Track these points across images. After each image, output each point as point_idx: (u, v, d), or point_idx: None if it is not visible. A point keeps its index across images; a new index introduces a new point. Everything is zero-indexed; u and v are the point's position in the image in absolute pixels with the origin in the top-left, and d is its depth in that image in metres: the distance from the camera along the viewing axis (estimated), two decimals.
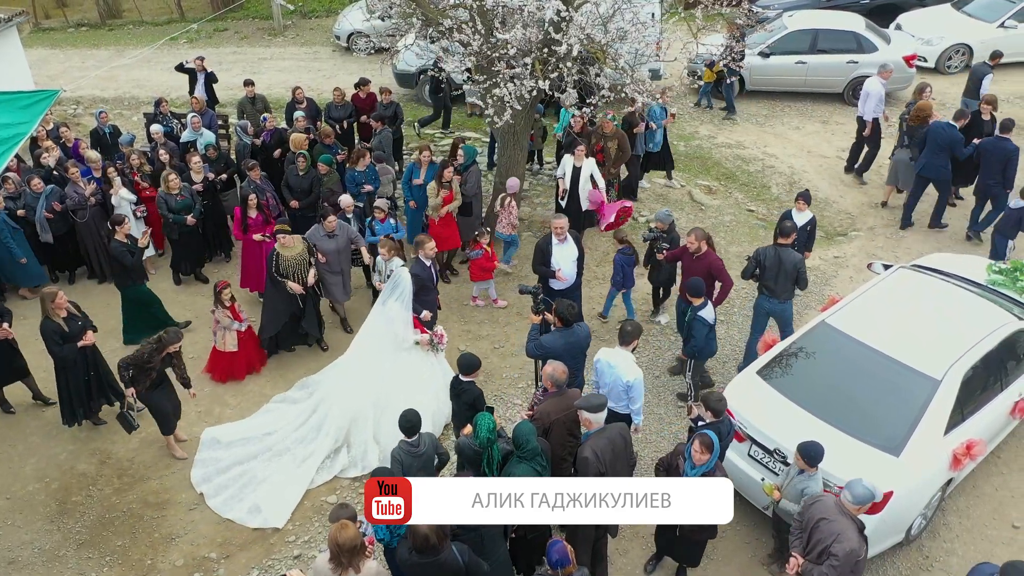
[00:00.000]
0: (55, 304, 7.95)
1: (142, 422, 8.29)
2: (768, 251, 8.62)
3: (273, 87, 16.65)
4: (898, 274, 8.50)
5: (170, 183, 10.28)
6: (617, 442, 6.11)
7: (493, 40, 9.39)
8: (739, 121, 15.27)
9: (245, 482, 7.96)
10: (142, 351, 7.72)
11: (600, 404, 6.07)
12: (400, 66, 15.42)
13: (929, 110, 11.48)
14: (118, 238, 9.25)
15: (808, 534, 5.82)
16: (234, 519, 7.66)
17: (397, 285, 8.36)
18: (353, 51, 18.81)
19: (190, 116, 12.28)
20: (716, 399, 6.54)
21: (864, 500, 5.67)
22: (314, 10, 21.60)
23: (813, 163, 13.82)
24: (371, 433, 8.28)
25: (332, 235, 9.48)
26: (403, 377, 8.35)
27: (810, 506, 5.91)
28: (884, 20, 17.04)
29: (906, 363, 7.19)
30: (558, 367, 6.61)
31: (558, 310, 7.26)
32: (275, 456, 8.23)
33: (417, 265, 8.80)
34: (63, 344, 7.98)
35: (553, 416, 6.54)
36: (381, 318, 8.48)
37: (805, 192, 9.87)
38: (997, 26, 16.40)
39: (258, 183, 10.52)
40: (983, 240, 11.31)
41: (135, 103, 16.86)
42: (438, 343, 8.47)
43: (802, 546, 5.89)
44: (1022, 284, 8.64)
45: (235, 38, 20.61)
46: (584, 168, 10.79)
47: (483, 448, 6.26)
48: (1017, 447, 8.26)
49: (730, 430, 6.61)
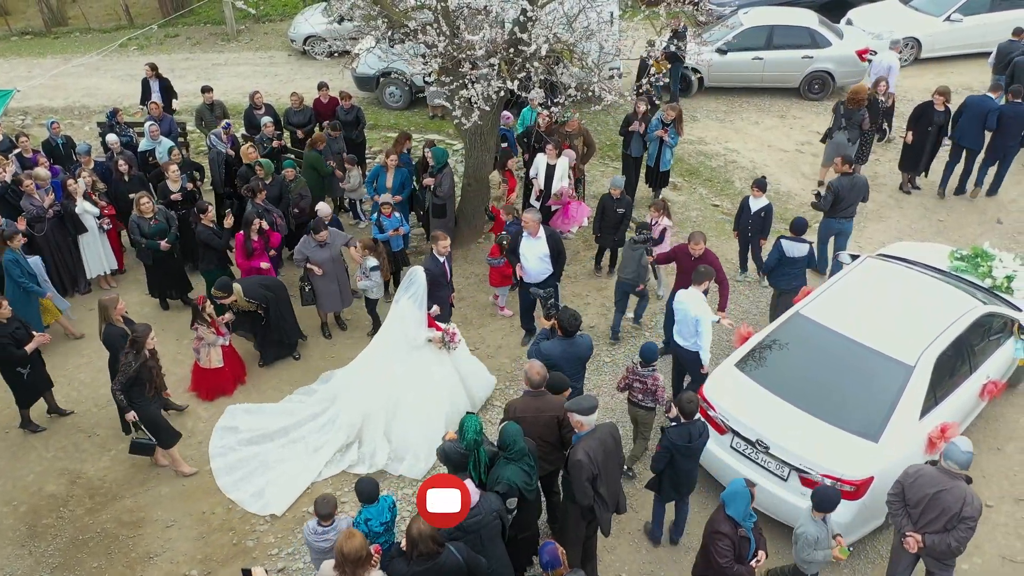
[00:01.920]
0: (117, 310, 7.90)
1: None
2: (842, 181, 10.04)
3: (229, 93, 16.35)
4: (866, 264, 8.66)
5: (142, 207, 9.81)
6: (608, 442, 6.13)
7: (459, 41, 9.35)
8: (699, 118, 15.44)
9: (256, 465, 8.02)
10: (124, 364, 7.48)
11: (591, 406, 6.06)
12: (360, 69, 15.24)
13: (863, 93, 11.91)
14: (204, 223, 9.53)
15: (921, 509, 6.00)
16: (236, 500, 7.77)
17: (412, 283, 8.20)
18: (310, 55, 18.59)
19: (148, 124, 11.99)
20: (688, 400, 6.55)
21: (969, 462, 5.94)
22: (268, 14, 21.27)
23: (774, 157, 14.04)
24: (382, 431, 8.28)
25: (324, 244, 9.34)
26: (415, 377, 8.27)
27: (912, 483, 6.07)
28: (834, 15, 17.37)
29: (880, 350, 7.34)
30: (534, 366, 6.57)
31: (560, 319, 7.21)
32: (290, 443, 8.29)
33: (430, 260, 8.75)
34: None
35: (520, 413, 6.51)
36: (393, 316, 8.43)
37: (761, 180, 10.16)
38: (943, 20, 16.84)
39: (263, 206, 10.08)
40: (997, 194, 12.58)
41: (86, 112, 16.42)
42: (450, 341, 8.36)
43: (911, 522, 6.08)
44: (983, 270, 8.90)
45: (187, 44, 20.20)
46: (559, 166, 10.80)
47: (469, 450, 6.21)
48: (985, 428, 8.48)
49: (702, 431, 6.64)
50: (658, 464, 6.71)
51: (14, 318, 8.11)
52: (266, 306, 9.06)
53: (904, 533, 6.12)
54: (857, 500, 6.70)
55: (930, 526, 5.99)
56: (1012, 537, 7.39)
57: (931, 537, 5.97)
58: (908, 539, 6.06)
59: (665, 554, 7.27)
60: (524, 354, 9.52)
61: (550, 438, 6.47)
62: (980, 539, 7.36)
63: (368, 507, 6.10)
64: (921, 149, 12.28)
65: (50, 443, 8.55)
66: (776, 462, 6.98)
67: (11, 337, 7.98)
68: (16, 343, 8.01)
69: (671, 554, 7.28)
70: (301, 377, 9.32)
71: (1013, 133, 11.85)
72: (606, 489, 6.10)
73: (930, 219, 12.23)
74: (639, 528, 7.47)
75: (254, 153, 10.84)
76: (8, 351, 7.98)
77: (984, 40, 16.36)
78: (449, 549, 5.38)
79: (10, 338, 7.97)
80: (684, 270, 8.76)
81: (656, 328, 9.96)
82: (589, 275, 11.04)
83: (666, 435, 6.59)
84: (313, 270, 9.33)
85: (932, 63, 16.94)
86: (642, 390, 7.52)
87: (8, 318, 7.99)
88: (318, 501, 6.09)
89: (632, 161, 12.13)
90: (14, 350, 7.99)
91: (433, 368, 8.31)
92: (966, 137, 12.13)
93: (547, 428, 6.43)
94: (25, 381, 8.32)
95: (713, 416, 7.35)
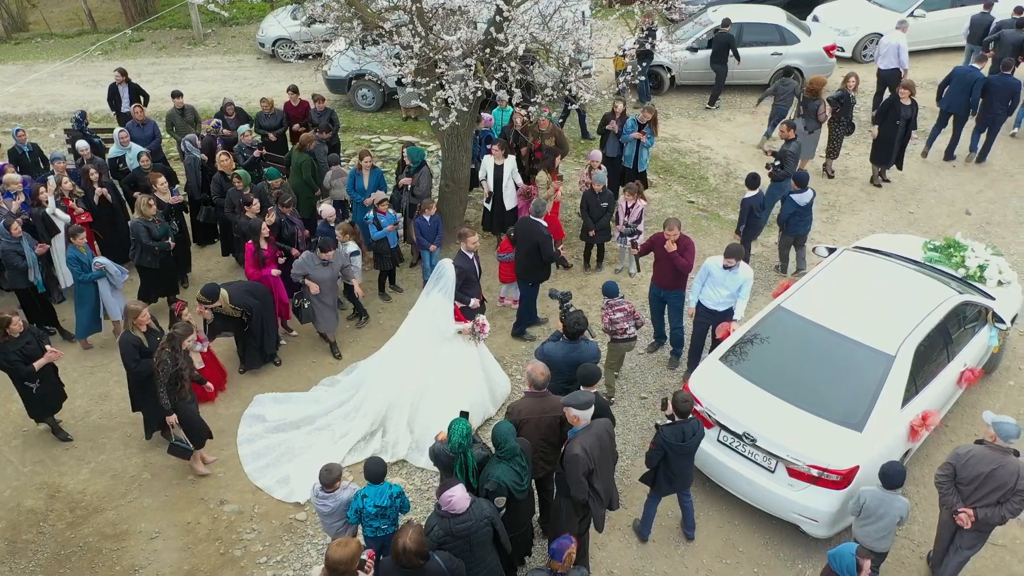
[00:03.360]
0: (138, 320, 7.75)
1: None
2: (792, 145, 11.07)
3: (198, 97, 16.14)
4: (843, 256, 8.78)
5: (147, 209, 9.68)
6: (604, 438, 6.14)
7: (435, 42, 9.32)
8: (672, 115, 15.54)
9: (282, 452, 8.09)
10: (161, 364, 7.33)
11: (587, 401, 6.07)
12: (331, 72, 15.15)
13: (822, 84, 12.28)
14: (248, 215, 9.55)
15: (976, 486, 6.26)
16: (263, 487, 7.84)
17: (441, 276, 8.32)
18: (280, 58, 18.43)
19: (117, 130, 11.75)
20: (682, 399, 6.57)
21: (1017, 434, 6.24)
22: (235, 18, 21.02)
23: (747, 153, 14.18)
24: (406, 421, 8.35)
25: (327, 263, 9.20)
26: (442, 368, 8.33)
27: (964, 462, 6.30)
28: (800, 12, 17.60)
29: (861, 341, 7.44)
30: (537, 367, 6.57)
31: (565, 322, 7.18)
32: (316, 431, 8.40)
33: (460, 258, 8.77)
34: (140, 359, 7.71)
35: (524, 415, 6.51)
36: (424, 309, 8.46)
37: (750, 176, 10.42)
38: (907, 15, 17.12)
39: (288, 216, 9.99)
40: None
41: (51, 119, 16.11)
42: (479, 332, 8.38)
43: (962, 499, 6.31)
44: (956, 260, 9.06)
45: (153, 48, 19.90)
46: (506, 166, 10.79)
47: (456, 453, 6.21)
48: (962, 415, 8.64)
49: (696, 430, 6.69)
50: (651, 460, 6.75)
51: (27, 332, 7.93)
52: (251, 314, 8.94)
53: (956, 509, 6.35)
54: (843, 489, 6.78)
55: (983, 500, 6.27)
56: None
57: (983, 511, 6.26)
58: (961, 515, 6.30)
59: (655, 550, 7.31)
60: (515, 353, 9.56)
61: (552, 439, 6.47)
62: None
63: (370, 485, 6.23)
64: (891, 143, 12.48)
65: (27, 457, 8.37)
66: (763, 454, 7.05)
67: (20, 352, 7.79)
68: (25, 359, 7.82)
69: (661, 549, 7.32)
70: (283, 383, 9.23)
71: (1000, 102, 12.81)
72: (600, 484, 6.12)
73: (901, 211, 12.45)
74: (629, 524, 7.50)
75: (229, 161, 10.64)
76: (16, 367, 7.79)
77: (946, 35, 16.74)
78: (435, 559, 5.38)
79: (19, 353, 7.78)
80: (661, 258, 8.89)
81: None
82: (572, 274, 11.06)
83: (660, 433, 6.61)
84: (309, 287, 9.18)
85: None
86: (625, 317, 8.16)
87: (20, 332, 7.81)
88: (322, 470, 6.24)
89: (608, 161, 12.15)
90: (21, 366, 7.81)
91: (459, 361, 8.37)
92: (953, 105, 13.05)
93: (550, 429, 6.43)
94: (35, 395, 8.14)
95: (700, 410, 7.39)
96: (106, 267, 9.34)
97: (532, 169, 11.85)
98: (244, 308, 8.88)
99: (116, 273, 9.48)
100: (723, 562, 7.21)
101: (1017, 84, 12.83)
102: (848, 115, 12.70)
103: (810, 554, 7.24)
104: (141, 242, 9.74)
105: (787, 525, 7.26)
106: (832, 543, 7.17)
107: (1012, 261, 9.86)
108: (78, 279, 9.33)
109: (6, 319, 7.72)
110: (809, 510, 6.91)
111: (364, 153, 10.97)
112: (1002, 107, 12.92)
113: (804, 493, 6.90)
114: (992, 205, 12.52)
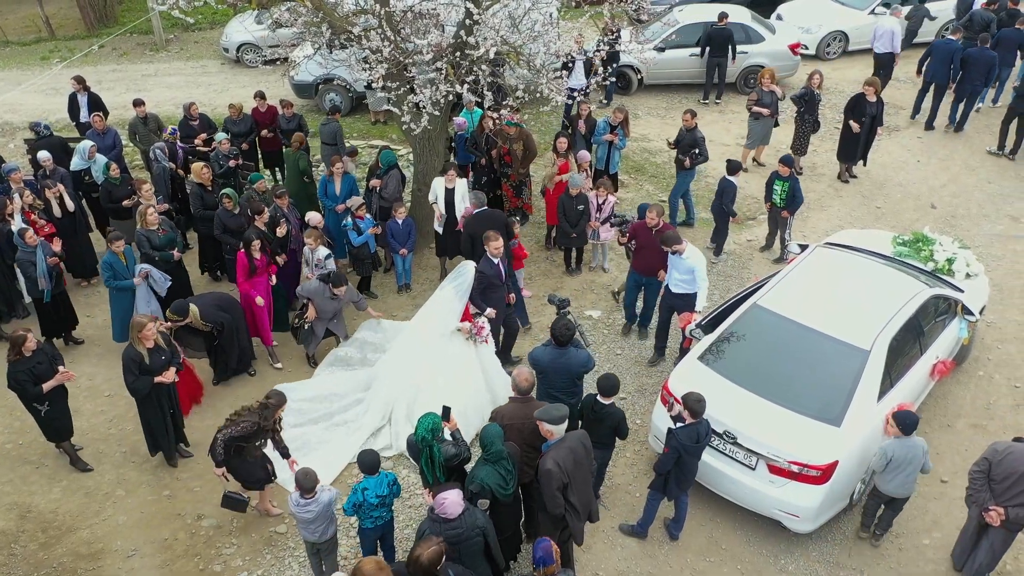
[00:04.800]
0: (141, 334, 7.41)
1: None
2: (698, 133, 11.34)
3: (162, 104, 15.88)
4: (816, 253, 8.88)
5: (148, 218, 9.43)
6: (578, 450, 6.12)
7: (405, 46, 9.25)
8: (641, 115, 15.61)
9: (299, 445, 8.03)
10: (243, 419, 6.92)
11: (561, 416, 6.06)
12: (298, 77, 14.95)
13: (766, 75, 12.84)
14: (257, 225, 9.34)
15: (1009, 484, 6.31)
16: (279, 482, 7.66)
17: (460, 275, 8.41)
18: (244, 63, 18.21)
19: (86, 143, 11.45)
20: (695, 399, 6.55)
21: None
22: (198, 23, 20.70)
23: (716, 151, 14.17)
24: (404, 415, 8.33)
25: (335, 297, 9.05)
26: (443, 364, 8.32)
27: (1000, 459, 6.36)
28: (763, 11, 17.78)
29: (836, 337, 7.53)
30: (521, 373, 6.56)
31: (552, 328, 7.09)
32: (333, 426, 8.48)
33: (485, 263, 8.63)
34: (139, 375, 7.42)
35: (508, 420, 6.49)
36: (433, 304, 8.49)
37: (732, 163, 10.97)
38: (868, 13, 17.41)
39: (284, 212, 9.85)
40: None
41: (9, 129, 15.72)
42: (475, 334, 8.31)
43: (993, 497, 6.36)
44: (925, 254, 9.20)
45: (114, 55, 19.51)
46: (457, 189, 10.44)
47: (421, 448, 6.26)
48: (934, 406, 8.78)
49: (708, 431, 6.69)
50: (665, 466, 6.72)
51: (39, 351, 7.64)
52: (221, 328, 8.79)
53: (986, 507, 6.40)
54: (824, 485, 6.85)
55: (1014, 500, 6.31)
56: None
57: (1015, 510, 6.30)
58: (991, 512, 6.35)
59: (640, 550, 7.33)
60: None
61: (537, 443, 6.44)
62: (938, 514, 7.65)
63: (368, 478, 6.32)
64: (856, 139, 12.65)
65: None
66: (744, 452, 7.10)
67: (30, 372, 7.50)
68: (35, 379, 7.53)
69: (645, 549, 7.34)
70: (258, 394, 9.04)
71: (979, 73, 13.76)
72: (577, 498, 6.07)
73: (868, 207, 12.63)
74: (613, 526, 7.51)
75: (207, 173, 10.40)
76: (24, 387, 7.52)
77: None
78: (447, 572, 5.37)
79: (29, 373, 7.49)
80: (643, 244, 9.13)
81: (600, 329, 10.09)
82: (546, 275, 11.05)
83: (674, 436, 6.59)
84: (309, 312, 9.07)
85: (860, 55, 17.48)
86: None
87: (33, 351, 7.54)
88: (299, 475, 6.22)
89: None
90: (30, 387, 7.52)
91: (462, 360, 8.34)
92: (936, 76, 14.16)
93: (534, 434, 6.40)
94: (43, 418, 7.86)
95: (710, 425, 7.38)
96: (150, 272, 9.17)
97: (502, 173, 11.81)
98: (215, 324, 8.72)
99: (160, 279, 9.26)
100: (707, 560, 7.25)
101: (993, 57, 13.72)
102: (813, 113, 12.84)
103: (792, 549, 7.31)
104: (142, 251, 9.51)
105: (768, 521, 7.32)
106: (814, 537, 7.29)
107: (977, 253, 10.05)
108: (108, 285, 9.25)
109: (21, 337, 7.44)
110: (791, 506, 6.97)
111: (336, 159, 10.87)
112: (980, 79, 13.77)
113: (785, 489, 6.96)
114: (956, 199, 12.75)
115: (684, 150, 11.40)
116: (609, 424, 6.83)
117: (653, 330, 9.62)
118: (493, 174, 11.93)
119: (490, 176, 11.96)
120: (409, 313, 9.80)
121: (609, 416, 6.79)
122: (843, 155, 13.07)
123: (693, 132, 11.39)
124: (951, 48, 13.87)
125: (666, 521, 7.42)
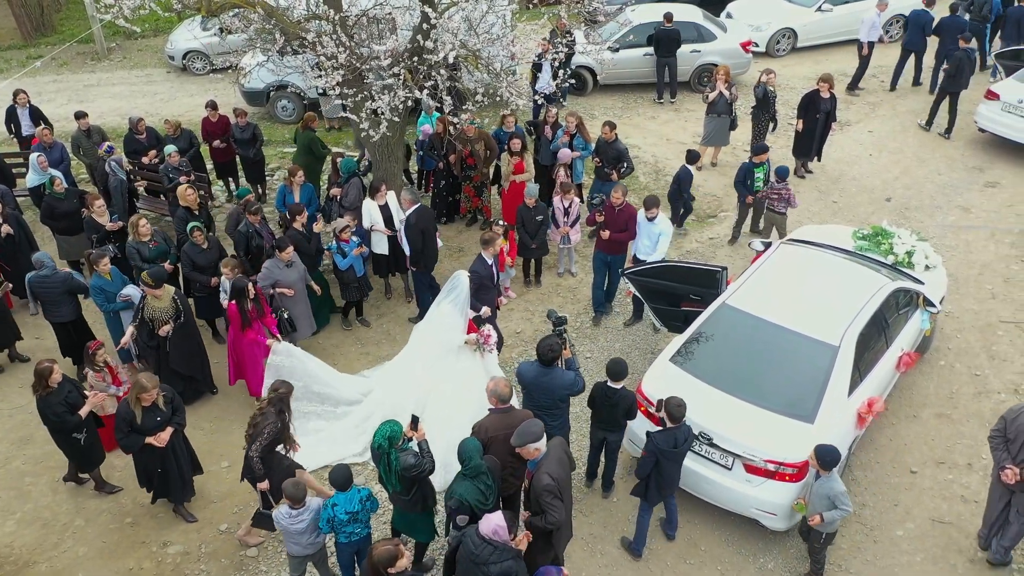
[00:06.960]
0: (143, 396, 6.91)
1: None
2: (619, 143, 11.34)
3: (107, 115, 15.44)
4: (780, 250, 8.94)
5: (141, 229, 9.12)
6: (563, 458, 6.11)
7: (361, 51, 9.07)
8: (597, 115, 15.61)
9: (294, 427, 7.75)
10: (264, 425, 6.73)
11: (540, 431, 5.98)
12: (249, 84, 14.65)
13: (727, 74, 12.98)
14: (295, 227, 9.42)
15: (1021, 443, 6.39)
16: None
17: (453, 288, 8.19)
18: (191, 71, 17.78)
19: (34, 155, 11.02)
20: (676, 404, 6.53)
21: None
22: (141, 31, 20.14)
23: (673, 150, 14.33)
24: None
25: (291, 264, 8.87)
26: (445, 381, 8.13)
27: (1014, 419, 6.45)
28: (712, 10, 17.95)
29: (805, 333, 7.57)
30: (499, 382, 6.45)
31: (538, 346, 6.91)
32: (334, 418, 8.44)
33: (478, 263, 8.59)
34: (129, 433, 6.99)
35: (491, 432, 6.36)
36: (432, 320, 8.31)
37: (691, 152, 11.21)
38: (815, 10, 17.72)
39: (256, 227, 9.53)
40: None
41: None
42: (483, 343, 8.15)
43: (1011, 457, 6.39)
44: (885, 247, 9.32)
45: (53, 65, 18.87)
46: (390, 201, 10.07)
47: (380, 454, 6.19)
48: (900, 398, 8.90)
49: (687, 436, 6.67)
50: (644, 469, 6.69)
51: (66, 381, 7.29)
52: (180, 318, 8.48)
53: (1003, 466, 6.46)
54: (800, 482, 6.88)
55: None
56: (938, 499, 7.77)
57: None
58: (1006, 471, 6.39)
59: (620, 556, 7.28)
60: None
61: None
62: (909, 505, 7.75)
63: (339, 493, 6.26)
64: (811, 135, 12.82)
65: None
66: (720, 452, 7.09)
67: (64, 403, 7.16)
68: (70, 408, 7.21)
69: (625, 555, 7.28)
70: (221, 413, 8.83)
71: (952, 39, 14.47)
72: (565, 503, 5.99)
73: (825, 201, 12.80)
74: (592, 533, 7.45)
75: (193, 195, 9.94)
76: (63, 419, 7.17)
77: (853, 28, 17.25)
78: None
79: (64, 404, 7.17)
80: (609, 221, 9.68)
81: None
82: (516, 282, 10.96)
83: (652, 440, 6.58)
84: (284, 293, 8.83)
85: (808, 52, 17.81)
86: (777, 199, 10.63)
87: (59, 382, 7.17)
88: (288, 487, 6.17)
89: (542, 168, 12.10)
90: (69, 417, 7.20)
91: (463, 374, 8.16)
92: (913, 44, 15.55)
93: None
94: (82, 447, 7.50)
95: (654, 412, 7.39)
96: (131, 298, 8.73)
97: (465, 176, 11.70)
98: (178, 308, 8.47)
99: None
100: (687, 563, 7.23)
101: (965, 23, 14.85)
102: (769, 110, 12.98)
103: (770, 547, 7.32)
104: (132, 264, 9.17)
105: (745, 520, 7.33)
106: (792, 534, 7.31)
107: (933, 245, 10.23)
108: (104, 310, 8.91)
109: (47, 369, 7.08)
110: (768, 504, 6.99)
111: (294, 169, 10.63)
112: (954, 43, 14.31)
113: (762, 488, 6.97)
114: (908, 191, 13.00)
115: (609, 162, 11.19)
116: (623, 407, 7.01)
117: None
118: (452, 178, 11.82)
119: (448, 180, 11.85)
120: None
121: (623, 399, 6.99)
122: (798, 151, 13.23)
123: (614, 144, 11.18)
124: (925, 18, 15.09)
125: (661, 521, 7.41)
